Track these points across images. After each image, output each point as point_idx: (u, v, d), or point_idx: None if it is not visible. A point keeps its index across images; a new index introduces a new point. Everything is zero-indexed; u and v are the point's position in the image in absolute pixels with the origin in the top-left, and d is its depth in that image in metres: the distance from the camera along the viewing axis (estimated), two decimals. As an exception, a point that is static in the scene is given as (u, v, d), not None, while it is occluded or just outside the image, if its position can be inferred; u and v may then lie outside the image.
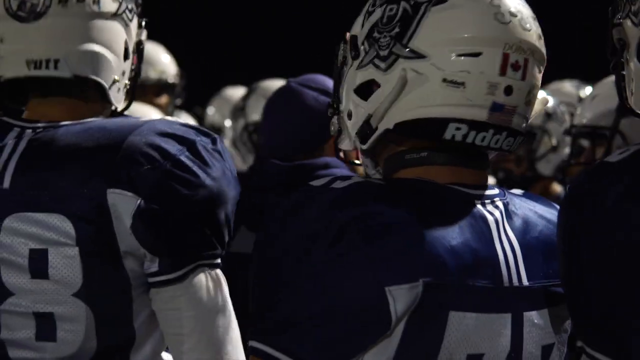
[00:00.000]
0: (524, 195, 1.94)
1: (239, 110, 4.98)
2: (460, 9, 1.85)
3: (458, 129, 1.83)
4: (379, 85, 1.87)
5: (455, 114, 1.83)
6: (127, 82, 2.26)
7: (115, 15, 2.20)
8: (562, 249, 1.73)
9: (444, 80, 1.83)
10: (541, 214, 1.89)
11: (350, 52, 1.92)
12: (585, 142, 3.64)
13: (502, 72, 1.84)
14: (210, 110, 6.23)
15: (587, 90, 4.79)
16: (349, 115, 1.94)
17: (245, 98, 4.98)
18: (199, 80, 5.75)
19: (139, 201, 2.03)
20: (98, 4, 2.18)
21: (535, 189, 4.12)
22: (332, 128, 1.99)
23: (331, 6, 7.79)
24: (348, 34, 1.96)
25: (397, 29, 1.86)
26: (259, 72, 5.78)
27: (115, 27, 2.20)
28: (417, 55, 1.84)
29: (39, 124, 2.14)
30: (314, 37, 7.97)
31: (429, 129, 1.84)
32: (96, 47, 2.17)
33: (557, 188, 4.33)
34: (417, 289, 1.73)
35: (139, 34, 2.28)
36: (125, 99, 2.28)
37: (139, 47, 2.28)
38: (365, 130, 1.90)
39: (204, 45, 8.87)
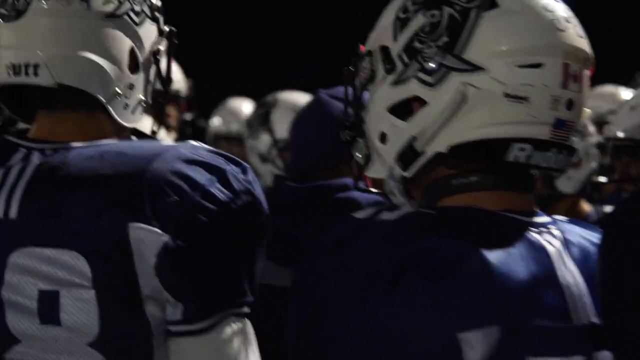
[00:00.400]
0: (570, 222, 1.78)
1: (261, 125, 4.69)
2: (517, 15, 1.68)
3: (522, 149, 1.66)
4: (423, 103, 1.69)
5: (518, 133, 1.66)
6: (141, 97, 2.02)
7: (112, 17, 1.96)
8: (601, 270, 1.61)
9: (507, 95, 1.66)
10: (593, 241, 1.73)
11: (384, 65, 1.73)
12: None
13: (564, 84, 1.68)
14: (215, 122, 5.99)
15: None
16: (382, 139, 1.74)
17: (265, 112, 4.70)
18: (204, 91, 5.51)
19: (164, 238, 1.80)
20: (87, 2, 1.94)
21: (559, 208, 3.87)
22: (359, 154, 1.79)
23: (341, 15, 7.60)
24: (364, 47, 1.79)
25: (445, 38, 1.68)
26: (261, 83, 5.59)
27: (112, 30, 1.96)
28: (474, 68, 1.66)
29: (47, 145, 1.92)
30: (321, 47, 7.82)
31: (488, 151, 1.67)
32: (85, 52, 1.94)
33: (586, 207, 4.08)
34: (493, 334, 1.54)
35: (157, 42, 2.04)
36: (152, 119, 2.07)
37: (156, 58, 2.04)
38: (408, 155, 1.71)
39: (206, 53, 8.66)
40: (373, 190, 1.92)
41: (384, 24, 1.76)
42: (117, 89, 1.96)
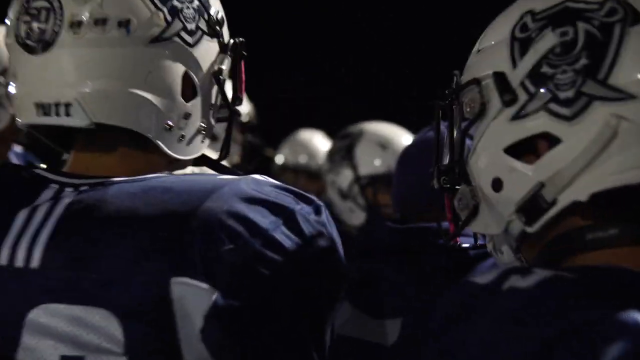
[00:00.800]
0: None
1: (343, 159, 4.29)
2: None
3: None
4: (554, 141, 1.39)
5: None
6: (201, 124, 1.72)
7: (157, 41, 1.65)
8: None
9: None
10: None
11: (501, 96, 1.42)
12: None
13: None
14: (283, 155, 5.58)
15: None
16: (496, 186, 1.44)
17: (349, 145, 4.30)
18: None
19: (215, 296, 1.48)
20: (126, 27, 1.63)
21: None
22: (462, 205, 1.49)
23: (341, 15, 7.24)
24: (467, 75, 1.49)
25: (584, 60, 1.37)
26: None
27: (159, 57, 1.65)
28: (624, 96, 1.36)
29: (83, 180, 1.61)
30: (320, 47, 7.50)
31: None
32: (127, 86, 1.63)
33: None
34: None
35: (218, 61, 1.73)
36: (220, 148, 1.78)
37: (218, 79, 1.73)
38: (535, 206, 1.40)
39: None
40: (465, 245, 1.66)
41: (493, 46, 1.46)
42: (169, 121, 1.67)
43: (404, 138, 4.18)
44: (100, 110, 1.63)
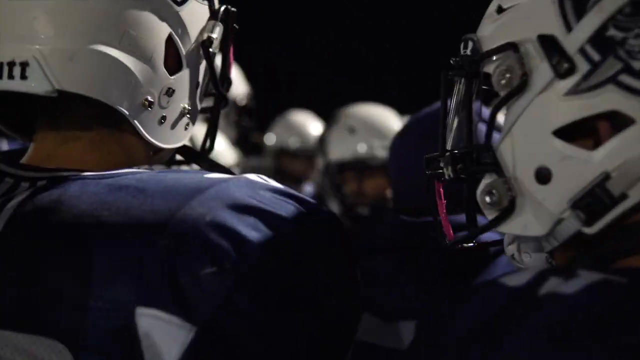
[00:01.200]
0: None
1: (321, 145, 4.00)
2: None
3: None
4: (627, 122, 1.15)
5: None
6: (186, 105, 1.44)
7: None
8: None
9: None
10: None
11: (554, 66, 1.17)
12: None
13: None
14: (272, 137, 5.13)
15: None
16: (541, 177, 1.19)
17: (326, 130, 4.03)
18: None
19: (192, 333, 1.17)
20: None
21: None
22: (491, 201, 1.22)
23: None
24: (493, 40, 1.24)
25: None
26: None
27: (139, 12, 1.36)
28: None
29: (42, 174, 1.32)
30: (301, 20, 7.46)
31: None
32: (99, 45, 1.35)
33: None
34: None
35: (208, 29, 1.45)
36: (206, 136, 1.52)
37: (207, 51, 1.45)
38: (598, 201, 1.16)
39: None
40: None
41: (530, 3, 1.21)
42: (148, 96, 1.38)
43: (385, 122, 3.88)
44: (63, 73, 1.33)
